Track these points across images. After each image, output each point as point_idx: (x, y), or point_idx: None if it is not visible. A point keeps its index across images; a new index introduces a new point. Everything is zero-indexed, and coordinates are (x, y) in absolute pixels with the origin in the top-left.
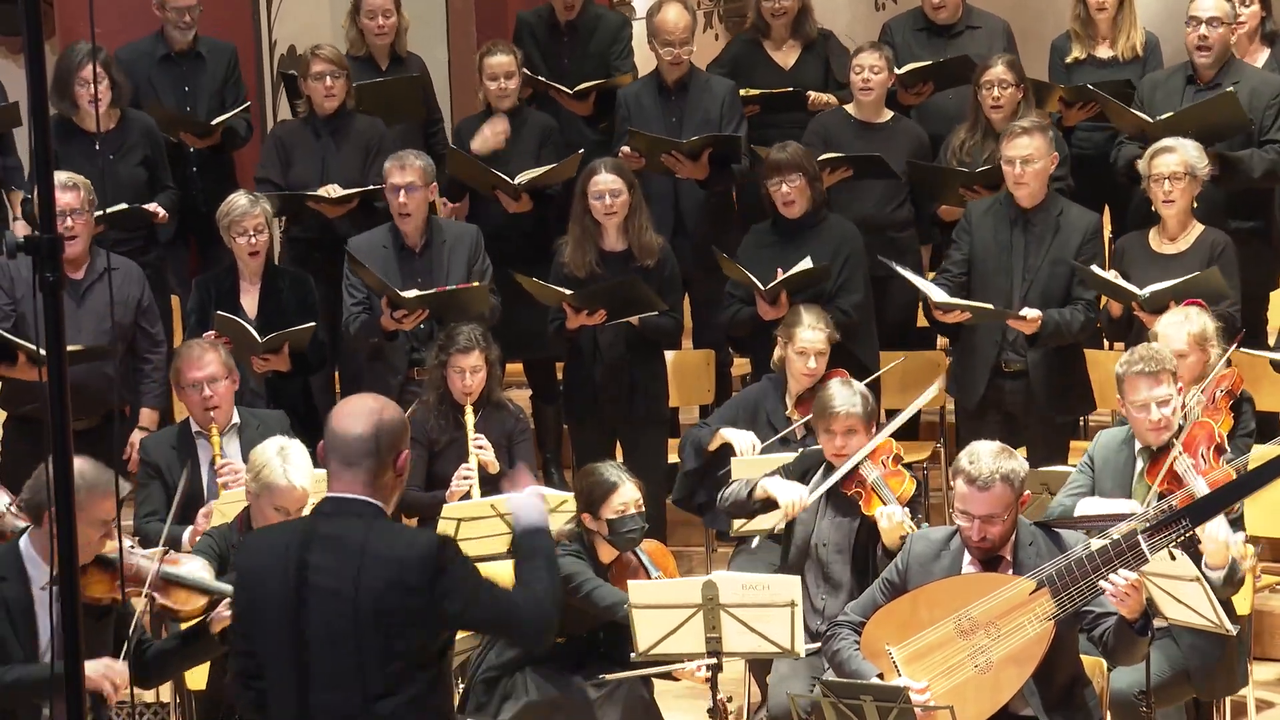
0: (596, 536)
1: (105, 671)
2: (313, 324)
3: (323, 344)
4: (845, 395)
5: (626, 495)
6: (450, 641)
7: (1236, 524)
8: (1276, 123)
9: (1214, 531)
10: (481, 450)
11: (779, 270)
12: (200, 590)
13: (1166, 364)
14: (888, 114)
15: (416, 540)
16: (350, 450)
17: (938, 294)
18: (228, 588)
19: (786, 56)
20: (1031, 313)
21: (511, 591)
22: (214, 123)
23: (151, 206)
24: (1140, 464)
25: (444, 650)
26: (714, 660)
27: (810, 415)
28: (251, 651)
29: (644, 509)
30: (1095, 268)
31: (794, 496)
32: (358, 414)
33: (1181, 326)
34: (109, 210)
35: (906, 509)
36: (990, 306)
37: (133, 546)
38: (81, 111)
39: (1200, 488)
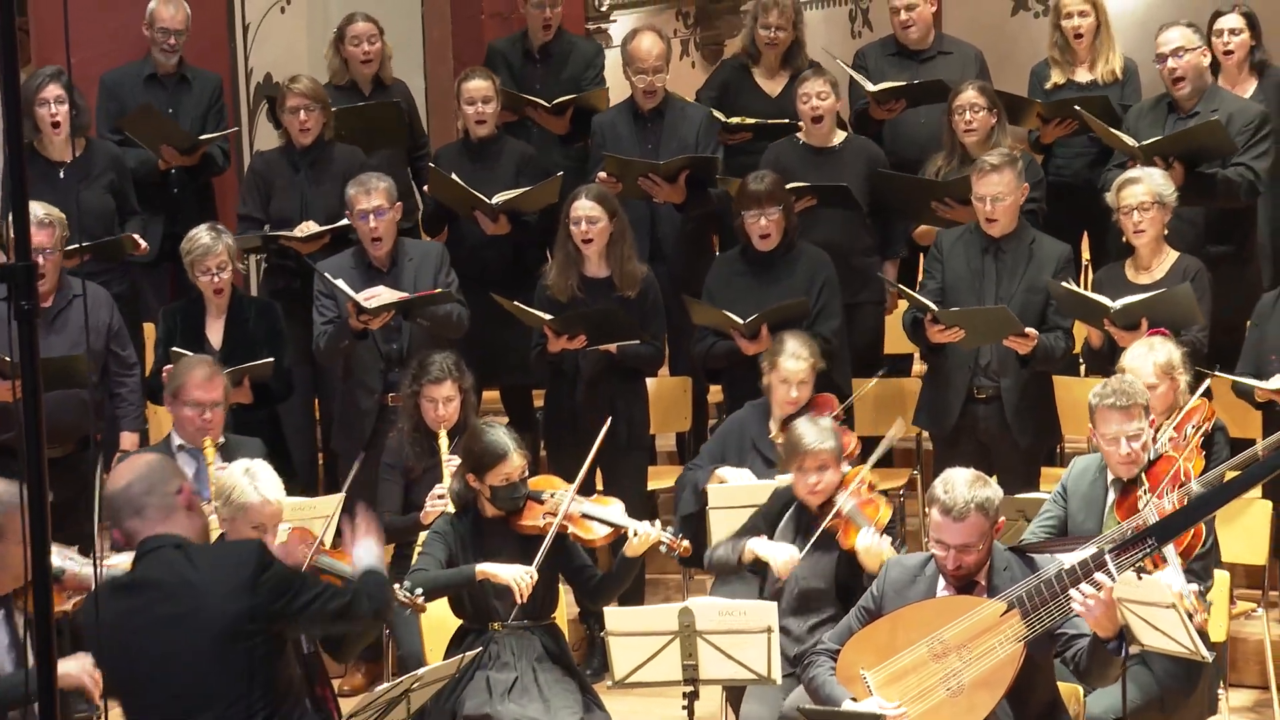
0: (480, 495)
1: (84, 667)
2: (271, 359)
3: (288, 372)
4: (814, 433)
5: (513, 465)
6: (276, 638)
7: (1205, 572)
8: (1248, 147)
9: (1169, 581)
10: None
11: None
12: None
13: (1139, 398)
14: (839, 136)
15: (234, 547)
16: (128, 500)
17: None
18: None
19: (774, 85)
20: (1030, 331)
21: (333, 591)
22: (201, 138)
23: (135, 236)
24: (1112, 495)
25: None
26: (691, 688)
27: None
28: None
29: (527, 475)
30: (1069, 283)
31: (785, 557)
32: (121, 472)
33: (1147, 357)
34: (93, 242)
35: (885, 535)
36: (995, 306)
37: (70, 557)
38: (45, 138)
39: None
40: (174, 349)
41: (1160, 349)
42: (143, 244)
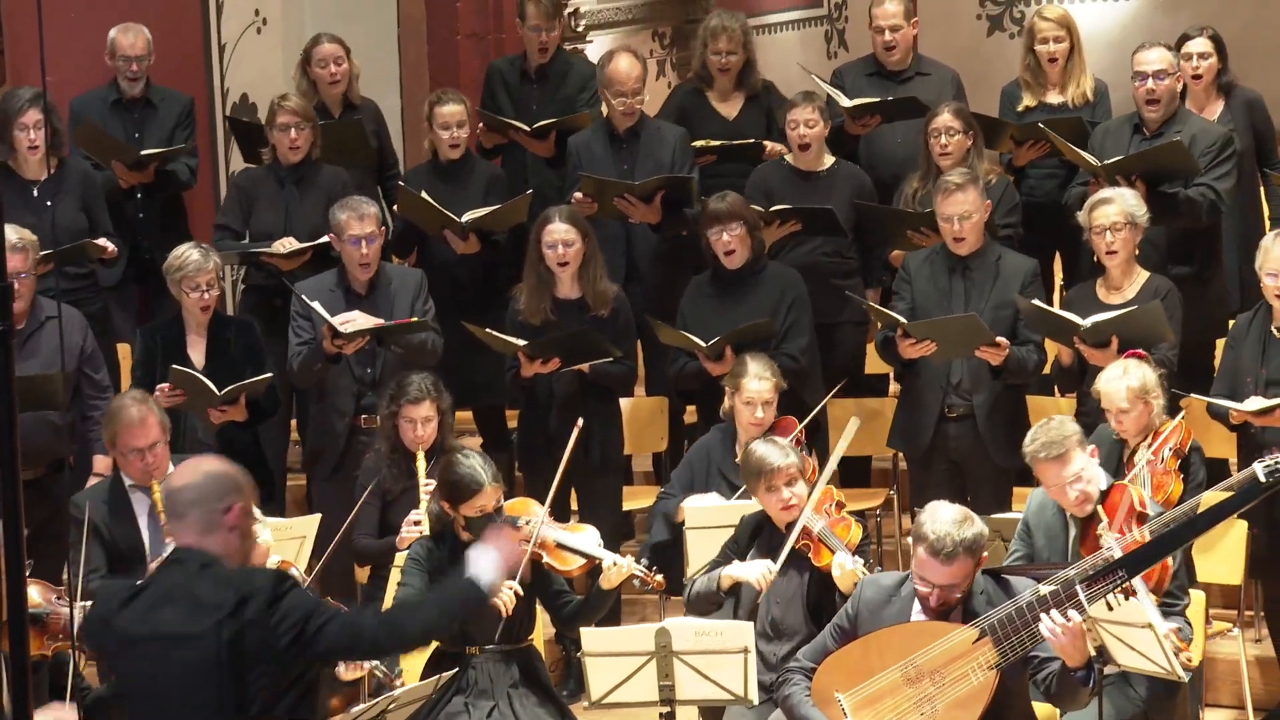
0: (456, 521)
1: (57, 716)
2: (269, 375)
3: (274, 388)
4: (775, 451)
5: (487, 498)
6: (307, 671)
7: (1180, 591)
8: (1210, 168)
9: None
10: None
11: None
12: None
13: (1069, 439)
14: (828, 161)
15: (252, 577)
16: (172, 506)
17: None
18: None
19: (730, 107)
20: (1002, 340)
21: (361, 615)
22: (144, 153)
23: (101, 241)
24: (1073, 530)
25: (301, 680)
26: (668, 709)
27: None
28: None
29: (502, 505)
30: (1037, 302)
31: (761, 570)
32: (183, 469)
33: (1120, 381)
34: (58, 249)
35: (858, 556)
36: (965, 315)
37: (59, 598)
38: (19, 157)
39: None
40: (174, 367)
41: (1134, 373)
42: (109, 246)
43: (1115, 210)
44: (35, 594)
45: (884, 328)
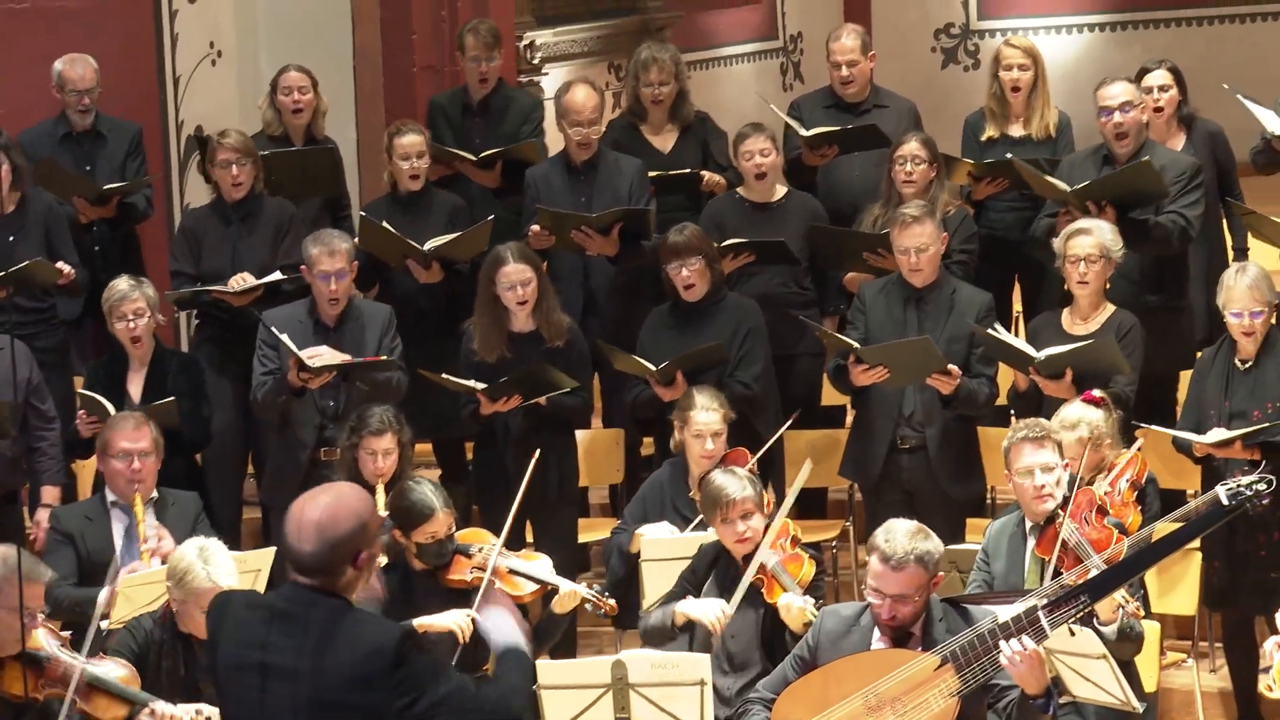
0: (408, 550)
1: None
2: (172, 399)
3: (205, 422)
4: (733, 482)
5: (438, 524)
6: None
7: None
8: (1179, 195)
9: None
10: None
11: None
12: (123, 699)
13: (1052, 433)
14: (780, 192)
15: (378, 632)
16: (296, 563)
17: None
18: (148, 697)
19: (664, 140)
20: (953, 368)
21: (478, 683)
22: (105, 188)
23: (59, 265)
24: (1031, 542)
25: None
26: None
27: None
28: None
29: (454, 531)
30: (998, 329)
31: (715, 613)
32: (305, 526)
33: (1074, 432)
34: (11, 270)
35: (807, 596)
36: (918, 339)
37: (63, 645)
38: None
39: (1087, 550)
40: (81, 391)
41: (1084, 425)
42: (66, 269)
43: (1091, 242)
44: (41, 636)
45: (836, 355)
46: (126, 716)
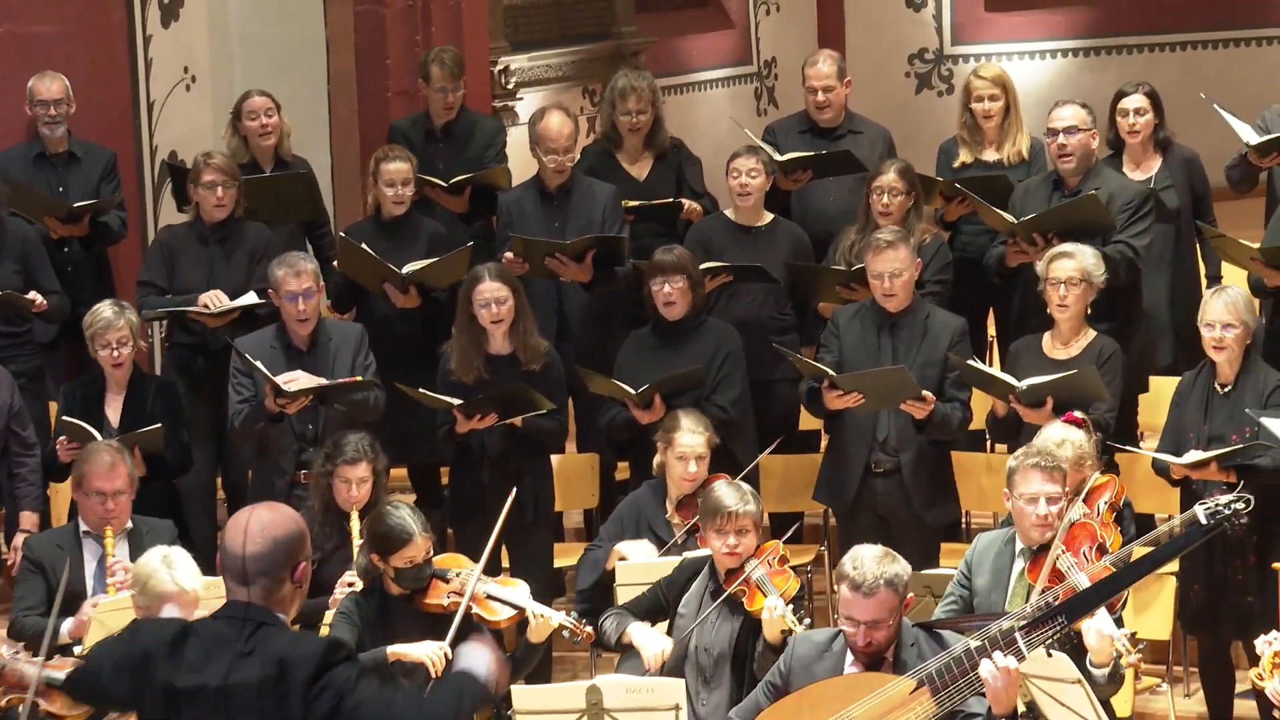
0: (385, 574)
1: None
2: (159, 425)
3: (186, 447)
4: (736, 496)
5: (417, 549)
6: None
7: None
8: (1127, 225)
9: (1099, 626)
10: None
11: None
12: None
13: (1062, 464)
14: (767, 217)
15: (301, 643)
16: (238, 570)
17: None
18: None
19: (640, 168)
20: (927, 394)
21: (395, 697)
22: (76, 205)
23: (31, 295)
24: (1021, 563)
25: None
26: None
27: (692, 520)
28: None
29: (431, 556)
30: (975, 361)
31: (657, 650)
32: (251, 530)
33: (1059, 452)
34: None
35: (790, 605)
36: (894, 367)
37: (17, 653)
38: None
39: (1083, 583)
40: (64, 418)
41: (1069, 445)
42: (37, 298)
43: (1073, 266)
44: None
45: (809, 378)
46: (90, 716)
